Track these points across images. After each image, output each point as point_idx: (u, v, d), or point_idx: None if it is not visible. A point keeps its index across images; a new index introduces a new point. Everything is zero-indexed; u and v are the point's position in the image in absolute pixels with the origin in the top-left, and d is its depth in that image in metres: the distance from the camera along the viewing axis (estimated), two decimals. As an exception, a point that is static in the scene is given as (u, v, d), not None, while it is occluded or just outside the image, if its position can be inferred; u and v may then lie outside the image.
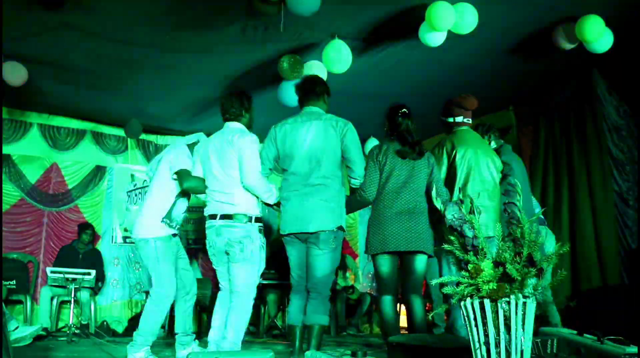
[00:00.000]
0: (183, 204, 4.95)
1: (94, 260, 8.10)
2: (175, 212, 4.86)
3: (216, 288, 5.02)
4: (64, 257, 7.92)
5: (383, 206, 4.52)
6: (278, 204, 4.64)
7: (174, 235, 4.92)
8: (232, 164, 4.57)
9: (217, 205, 4.54)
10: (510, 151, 5.51)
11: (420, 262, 4.43)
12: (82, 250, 8.06)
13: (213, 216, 4.53)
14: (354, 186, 4.69)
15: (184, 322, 5.08)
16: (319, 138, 4.61)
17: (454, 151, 4.93)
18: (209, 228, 4.57)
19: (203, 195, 4.78)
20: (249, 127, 4.97)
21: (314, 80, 4.91)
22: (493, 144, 5.58)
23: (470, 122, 5.28)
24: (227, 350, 4.36)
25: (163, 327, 7.21)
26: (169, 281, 4.78)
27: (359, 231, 10.10)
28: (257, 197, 4.59)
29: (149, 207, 4.87)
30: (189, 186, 4.73)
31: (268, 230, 5.03)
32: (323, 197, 4.44)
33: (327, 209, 4.42)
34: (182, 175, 4.75)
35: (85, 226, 8.23)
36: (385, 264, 4.48)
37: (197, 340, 5.21)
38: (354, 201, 4.71)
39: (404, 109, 4.92)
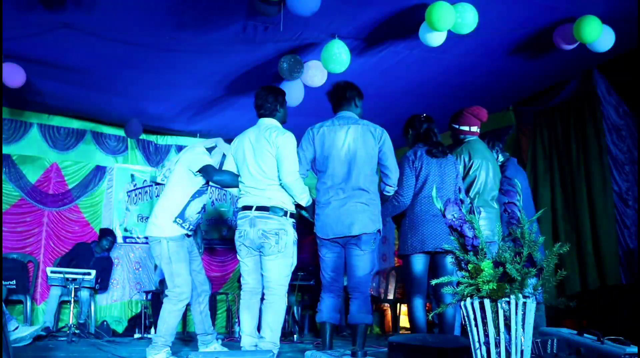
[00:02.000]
0: (198, 204, 4.93)
1: (105, 267, 8.09)
2: (189, 212, 4.86)
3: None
4: (78, 255, 7.88)
5: (420, 209, 4.66)
6: (306, 208, 4.72)
7: (188, 235, 4.91)
8: (269, 161, 4.59)
9: (253, 198, 4.56)
10: (516, 164, 5.65)
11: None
12: (97, 254, 8.05)
13: (248, 208, 4.54)
14: (386, 193, 4.74)
15: (202, 322, 5.10)
16: (357, 141, 4.67)
17: (471, 162, 5.06)
18: (241, 218, 4.57)
19: (235, 189, 4.84)
20: (283, 123, 4.96)
21: (343, 85, 4.95)
22: (500, 158, 5.67)
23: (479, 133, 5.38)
24: (225, 351, 4.38)
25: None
26: (184, 280, 4.78)
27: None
28: (292, 196, 4.62)
29: (162, 207, 4.88)
30: (219, 179, 4.77)
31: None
32: (363, 200, 4.53)
33: (368, 212, 4.52)
34: (208, 170, 4.77)
35: (107, 232, 8.22)
36: (421, 263, 4.61)
37: (219, 339, 5.25)
38: (390, 206, 4.79)
39: (424, 114, 5.04)
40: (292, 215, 4.58)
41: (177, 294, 4.74)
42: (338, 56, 5.50)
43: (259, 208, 4.50)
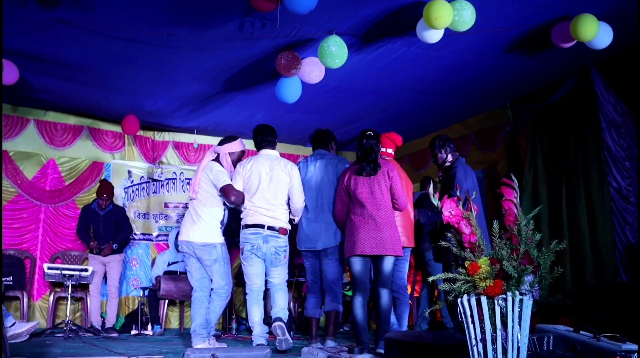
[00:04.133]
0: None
1: (117, 218, 7.94)
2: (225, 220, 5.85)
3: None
4: (87, 219, 7.80)
5: (352, 219, 5.35)
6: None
7: None
8: (282, 188, 5.67)
9: (263, 218, 5.60)
10: (464, 164, 5.99)
11: (387, 263, 5.26)
12: (102, 212, 7.88)
13: (260, 226, 5.58)
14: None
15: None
16: (320, 173, 5.89)
17: None
18: (254, 234, 5.57)
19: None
20: None
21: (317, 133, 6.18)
22: (449, 158, 6.03)
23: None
24: (224, 348, 4.54)
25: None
26: (230, 279, 5.77)
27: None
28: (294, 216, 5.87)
29: (210, 216, 5.67)
30: (235, 201, 5.62)
31: None
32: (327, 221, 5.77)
33: (330, 230, 5.74)
34: (227, 191, 5.59)
35: (102, 188, 7.88)
36: (358, 264, 5.31)
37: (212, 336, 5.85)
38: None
39: (369, 132, 5.47)
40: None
41: (228, 290, 5.68)
42: (337, 52, 5.50)
43: (269, 228, 5.58)
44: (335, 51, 5.50)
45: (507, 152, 8.03)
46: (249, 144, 9.69)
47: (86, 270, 7.21)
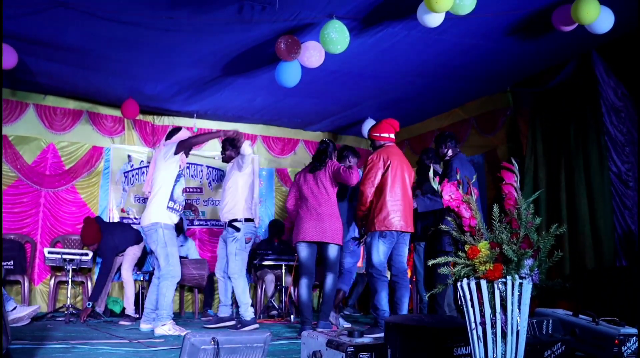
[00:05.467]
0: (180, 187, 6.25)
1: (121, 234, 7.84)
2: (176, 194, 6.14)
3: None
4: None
5: (300, 211, 6.31)
6: None
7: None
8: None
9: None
10: (462, 159, 6.40)
11: (331, 250, 6.14)
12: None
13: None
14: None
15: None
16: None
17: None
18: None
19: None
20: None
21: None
22: (450, 153, 6.44)
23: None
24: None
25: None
26: (177, 261, 6.10)
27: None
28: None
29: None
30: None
31: None
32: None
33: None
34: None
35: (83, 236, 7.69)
36: (304, 250, 6.18)
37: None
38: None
39: (323, 139, 6.57)
40: None
41: (168, 272, 5.93)
42: (338, 36, 5.48)
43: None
44: (336, 36, 5.48)
45: (507, 136, 8.02)
46: (251, 128, 9.73)
47: (86, 255, 7.23)
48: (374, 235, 5.94)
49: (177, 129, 6.37)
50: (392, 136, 6.29)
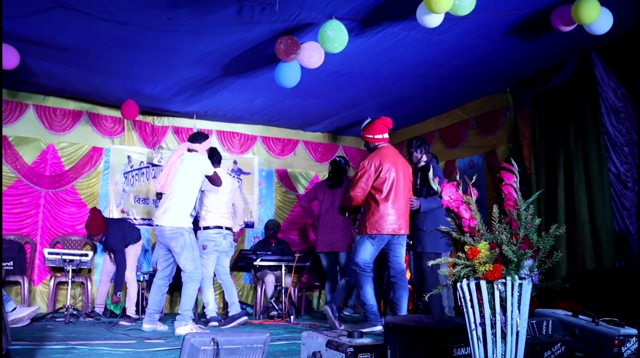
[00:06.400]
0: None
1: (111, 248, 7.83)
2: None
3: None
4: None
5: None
6: None
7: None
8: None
9: (225, 221, 7.07)
10: (436, 164, 6.73)
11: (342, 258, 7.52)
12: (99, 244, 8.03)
13: (221, 227, 7.03)
14: None
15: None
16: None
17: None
18: (218, 233, 7.00)
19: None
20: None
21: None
22: (424, 158, 6.70)
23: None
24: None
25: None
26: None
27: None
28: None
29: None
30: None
31: None
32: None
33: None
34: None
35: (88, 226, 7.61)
36: (324, 259, 7.97)
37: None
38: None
39: (334, 158, 7.93)
40: None
41: (198, 274, 6.22)
42: (337, 36, 5.47)
43: (227, 228, 7.08)
44: (333, 34, 5.48)
45: (507, 136, 8.02)
46: (250, 129, 9.74)
47: (86, 255, 7.22)
48: (364, 236, 6.09)
49: (204, 136, 6.51)
50: (386, 135, 6.33)
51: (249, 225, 9.61)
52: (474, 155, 8.49)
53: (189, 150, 6.27)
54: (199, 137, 6.45)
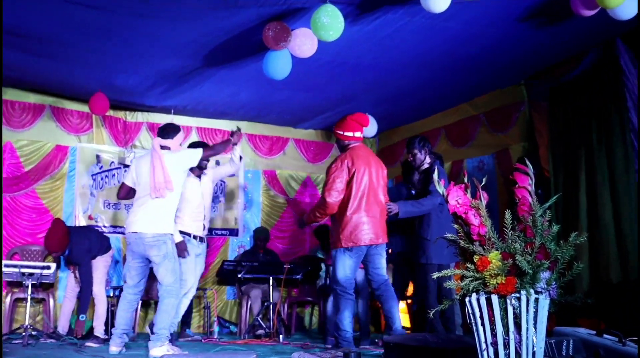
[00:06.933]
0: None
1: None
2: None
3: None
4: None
5: None
6: None
7: None
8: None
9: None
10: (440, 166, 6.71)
11: None
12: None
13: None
14: None
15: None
16: None
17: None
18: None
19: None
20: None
21: None
22: (428, 159, 6.75)
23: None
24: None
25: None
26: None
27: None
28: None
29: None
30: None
31: None
32: None
33: None
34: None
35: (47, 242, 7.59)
36: None
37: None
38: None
39: None
40: None
41: (177, 288, 6.18)
42: (332, 23, 5.47)
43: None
44: (328, 21, 5.48)
45: (521, 134, 8.03)
46: (232, 126, 9.73)
47: (48, 268, 7.16)
48: (340, 250, 6.13)
49: (175, 128, 6.41)
50: (359, 134, 6.40)
51: (233, 233, 9.61)
52: (484, 155, 8.50)
53: (162, 147, 6.22)
54: (170, 131, 6.37)
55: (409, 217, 6.50)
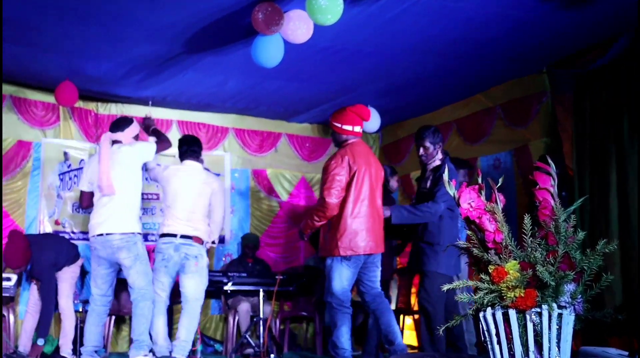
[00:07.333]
0: None
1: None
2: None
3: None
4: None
5: None
6: None
7: None
8: (204, 203, 7.21)
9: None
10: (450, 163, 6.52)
11: None
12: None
13: (173, 235, 6.89)
14: None
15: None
16: None
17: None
18: (166, 243, 6.87)
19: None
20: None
21: None
22: (439, 156, 6.57)
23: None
24: None
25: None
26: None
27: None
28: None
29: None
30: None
31: None
32: None
33: None
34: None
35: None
36: None
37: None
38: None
39: None
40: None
41: (151, 291, 6.51)
42: (329, 4, 5.48)
43: (183, 236, 6.97)
44: (326, 4, 5.48)
45: (542, 129, 8.03)
46: (221, 119, 9.74)
47: (8, 279, 7.18)
48: (336, 259, 6.11)
49: (126, 121, 6.64)
50: (359, 129, 6.38)
51: (219, 240, 9.62)
52: (501, 152, 8.51)
53: (114, 142, 6.43)
54: (120, 124, 6.66)
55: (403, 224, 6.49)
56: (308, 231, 6.43)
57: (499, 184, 3.25)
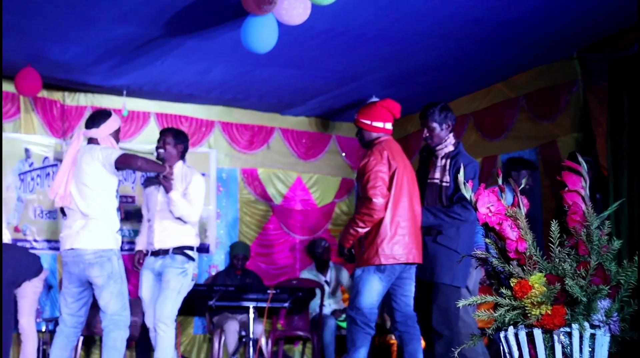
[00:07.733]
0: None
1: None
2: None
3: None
4: None
5: None
6: None
7: None
8: None
9: None
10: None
11: None
12: None
13: None
14: None
15: None
16: None
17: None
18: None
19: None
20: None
21: None
22: (451, 140, 6.41)
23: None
24: None
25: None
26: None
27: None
28: None
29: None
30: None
31: None
32: None
33: None
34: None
35: None
36: None
37: None
38: None
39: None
40: None
41: (126, 318, 6.17)
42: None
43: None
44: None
45: (572, 123, 8.04)
46: (205, 111, 9.74)
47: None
48: (368, 269, 5.97)
49: (102, 115, 6.41)
50: (389, 126, 6.30)
51: (203, 249, 9.59)
52: (525, 149, 8.50)
53: (89, 141, 6.27)
54: (95, 119, 6.39)
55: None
56: (350, 243, 6.14)
57: (523, 186, 3.23)
